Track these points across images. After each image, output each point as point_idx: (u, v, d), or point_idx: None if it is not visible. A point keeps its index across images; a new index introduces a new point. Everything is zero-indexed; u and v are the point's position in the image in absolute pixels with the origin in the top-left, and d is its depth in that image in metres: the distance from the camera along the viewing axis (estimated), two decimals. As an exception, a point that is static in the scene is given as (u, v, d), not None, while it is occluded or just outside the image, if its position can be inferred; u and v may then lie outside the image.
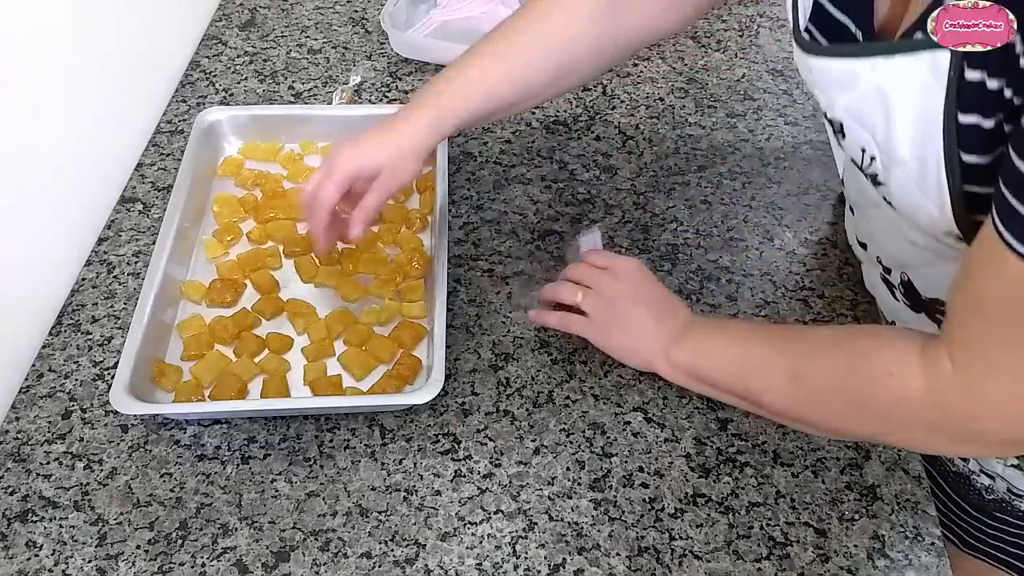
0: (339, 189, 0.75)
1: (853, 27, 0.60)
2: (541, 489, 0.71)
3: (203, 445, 0.74)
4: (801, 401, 0.65)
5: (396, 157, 0.75)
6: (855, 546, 0.68)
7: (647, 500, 0.71)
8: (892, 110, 0.54)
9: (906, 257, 0.69)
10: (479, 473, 0.72)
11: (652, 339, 0.74)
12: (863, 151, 0.59)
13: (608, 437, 0.75)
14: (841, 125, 0.60)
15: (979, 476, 0.79)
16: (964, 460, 0.79)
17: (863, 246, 0.78)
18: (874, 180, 0.60)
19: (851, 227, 0.81)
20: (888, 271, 0.74)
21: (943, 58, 0.50)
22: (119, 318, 0.83)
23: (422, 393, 0.73)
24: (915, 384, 0.56)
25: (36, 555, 0.67)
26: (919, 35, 0.52)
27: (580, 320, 0.77)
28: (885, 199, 0.61)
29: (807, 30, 0.62)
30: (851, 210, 0.80)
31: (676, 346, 0.73)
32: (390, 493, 0.71)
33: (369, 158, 0.75)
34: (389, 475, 0.72)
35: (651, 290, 0.77)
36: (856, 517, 0.70)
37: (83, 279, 0.87)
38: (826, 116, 0.63)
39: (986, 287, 0.51)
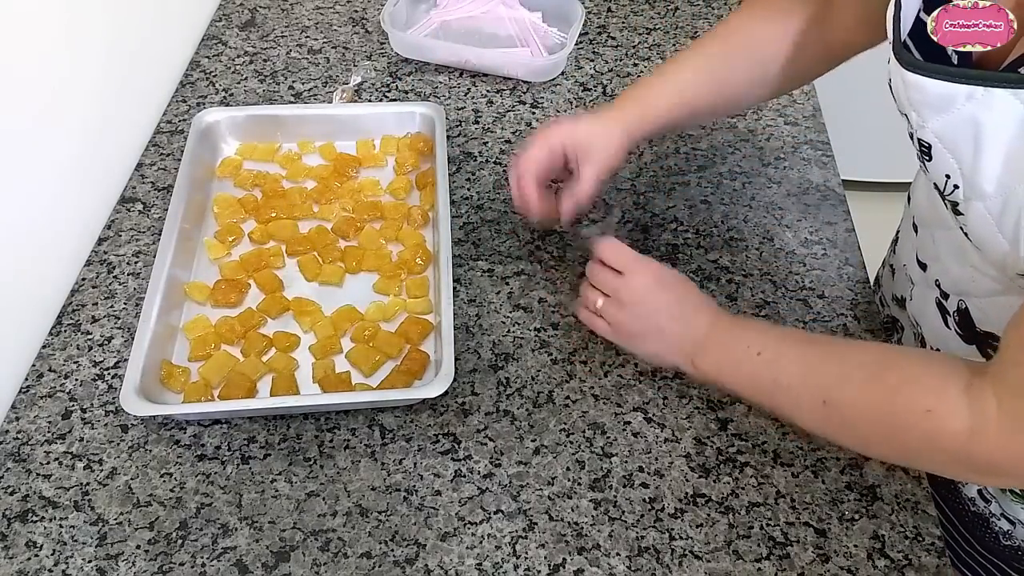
0: (549, 153, 0.79)
1: (950, 47, 0.58)
2: (541, 489, 0.71)
3: (203, 445, 0.74)
4: (831, 426, 0.63)
5: (607, 134, 0.79)
6: (855, 546, 0.68)
7: (647, 500, 0.71)
8: (983, 142, 0.53)
9: (969, 285, 0.68)
10: (479, 473, 0.72)
11: (676, 347, 0.72)
12: (947, 177, 0.58)
13: (608, 437, 0.75)
14: (929, 147, 0.58)
15: (999, 520, 0.77)
16: (985, 501, 0.77)
17: (923, 267, 0.76)
18: (954, 208, 0.59)
19: (912, 246, 0.79)
20: (945, 296, 0.72)
21: None
22: (119, 318, 0.83)
23: (432, 387, 0.73)
24: (956, 424, 0.55)
25: (36, 555, 0.67)
26: None
27: (604, 326, 0.76)
28: (962, 229, 0.60)
29: (905, 44, 0.59)
30: (914, 228, 0.78)
31: (701, 355, 0.70)
32: (390, 493, 0.71)
33: (583, 130, 0.79)
34: (389, 475, 0.72)
35: (669, 296, 0.73)
36: (856, 517, 0.70)
37: (83, 279, 0.87)
38: (911, 136, 0.61)
39: None
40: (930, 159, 0.59)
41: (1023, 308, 0.53)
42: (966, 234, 0.60)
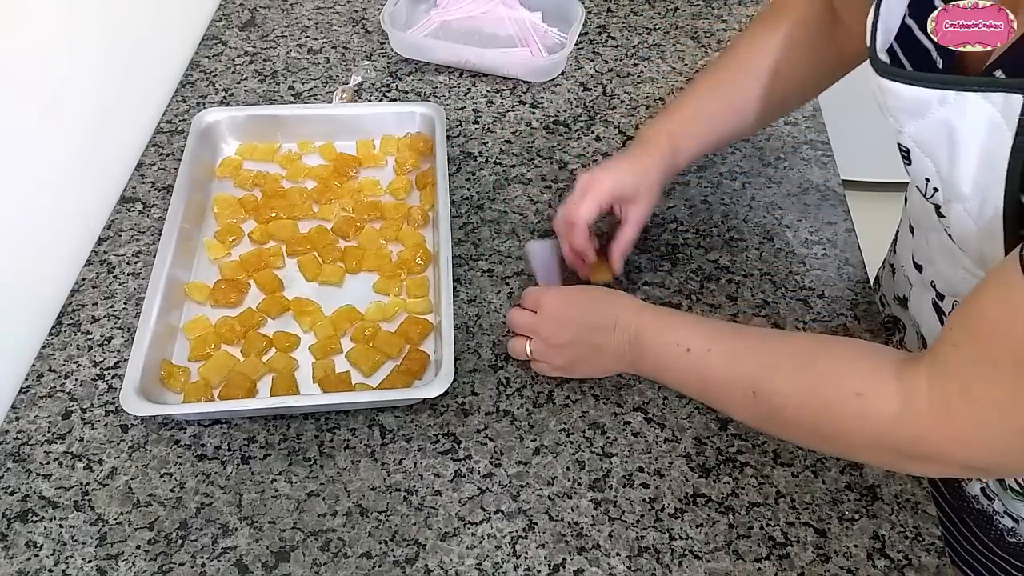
0: (598, 208, 0.80)
1: (935, 53, 0.58)
2: (541, 489, 0.71)
3: (203, 445, 0.74)
4: (762, 417, 0.63)
5: (647, 184, 0.81)
6: (855, 546, 0.68)
7: (647, 500, 0.71)
8: (958, 146, 0.53)
9: (962, 286, 0.68)
10: (479, 473, 0.72)
11: (614, 358, 0.72)
12: (927, 181, 0.58)
13: (608, 437, 0.75)
14: (908, 152, 0.59)
15: (1003, 517, 0.77)
16: (988, 499, 0.77)
17: (919, 268, 0.76)
18: (937, 211, 0.59)
19: (908, 248, 0.79)
20: (941, 297, 0.72)
21: (1016, 100, 0.49)
22: (119, 318, 0.83)
23: (432, 387, 0.73)
24: (886, 407, 0.54)
25: (36, 555, 0.67)
26: (999, 73, 0.51)
27: (544, 367, 0.77)
28: (946, 231, 0.60)
29: (890, 50, 0.60)
30: (911, 230, 0.78)
31: (637, 359, 0.70)
32: (390, 493, 0.71)
33: (629, 182, 0.80)
34: (389, 475, 0.72)
35: (582, 313, 0.73)
36: (856, 517, 0.70)
37: (83, 279, 0.87)
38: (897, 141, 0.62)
39: (988, 312, 0.50)
40: (910, 163, 0.59)
41: (970, 296, 0.53)
42: (950, 235, 0.60)
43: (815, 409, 0.58)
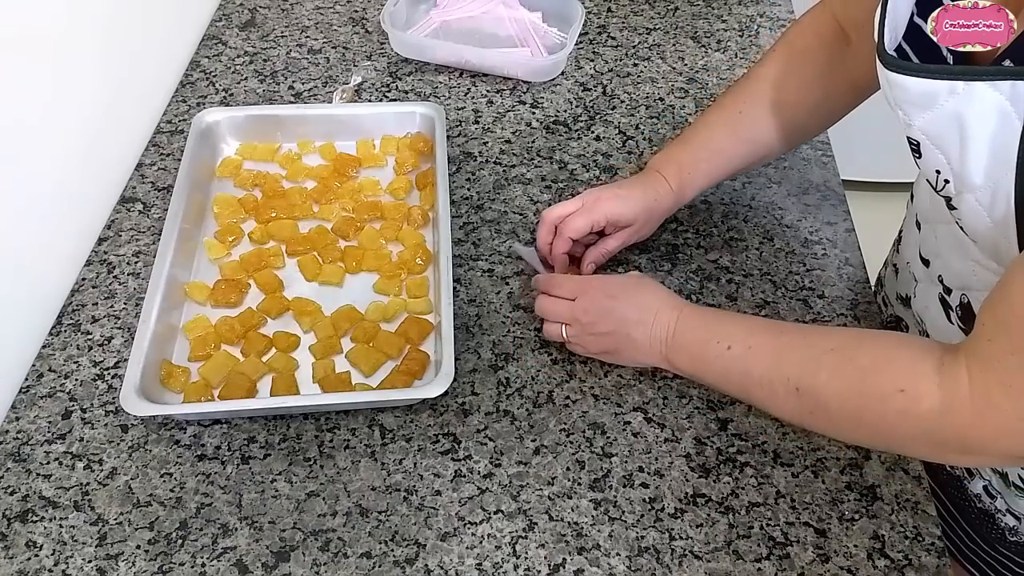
0: (590, 228, 0.82)
1: (945, 49, 0.58)
2: (541, 489, 0.72)
3: (203, 445, 0.74)
4: (805, 413, 0.64)
5: (647, 215, 0.83)
6: (855, 546, 0.68)
7: (647, 500, 0.71)
8: (968, 136, 0.54)
9: (970, 279, 0.68)
10: (479, 473, 0.72)
11: (649, 351, 0.73)
12: (937, 173, 0.58)
13: (608, 437, 0.75)
14: (918, 144, 0.59)
15: (1004, 516, 0.77)
16: (991, 497, 0.77)
17: (926, 263, 0.77)
18: (947, 203, 0.60)
19: (915, 243, 0.80)
20: (948, 291, 0.73)
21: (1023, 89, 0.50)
22: (119, 318, 0.83)
23: (433, 387, 0.73)
24: (928, 402, 0.55)
25: (36, 555, 0.67)
26: (1007, 63, 0.51)
27: (580, 349, 0.78)
28: (958, 223, 0.61)
29: (899, 49, 0.60)
30: (917, 226, 0.78)
31: (674, 354, 0.72)
32: (390, 493, 0.71)
33: (629, 210, 0.82)
34: (389, 475, 0.72)
35: (624, 304, 0.74)
36: (856, 517, 0.70)
37: (83, 279, 0.87)
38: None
39: (1017, 304, 0.50)
40: (920, 156, 0.60)
41: (997, 288, 0.53)
42: (961, 228, 0.60)
43: (858, 405, 0.59)
